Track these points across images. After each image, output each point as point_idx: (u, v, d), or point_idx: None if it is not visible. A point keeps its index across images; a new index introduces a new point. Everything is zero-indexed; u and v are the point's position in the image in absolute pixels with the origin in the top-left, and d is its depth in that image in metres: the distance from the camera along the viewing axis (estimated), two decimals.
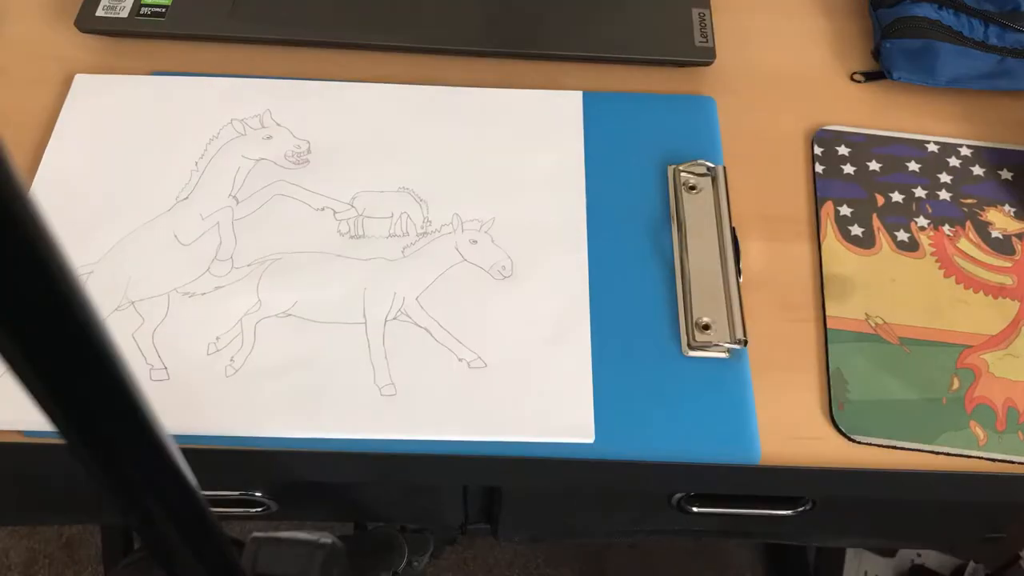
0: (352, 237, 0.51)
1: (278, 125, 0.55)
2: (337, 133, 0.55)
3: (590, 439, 0.45)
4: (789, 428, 0.47)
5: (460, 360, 0.47)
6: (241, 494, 0.54)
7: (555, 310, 0.49)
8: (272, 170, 0.53)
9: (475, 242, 0.51)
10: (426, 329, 0.48)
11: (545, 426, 0.45)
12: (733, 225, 0.52)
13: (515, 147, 0.54)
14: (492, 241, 0.51)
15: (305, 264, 0.50)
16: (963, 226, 0.54)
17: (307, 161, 0.54)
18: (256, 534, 0.46)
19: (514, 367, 0.47)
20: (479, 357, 0.47)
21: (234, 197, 0.52)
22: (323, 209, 0.52)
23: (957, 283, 0.52)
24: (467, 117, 0.56)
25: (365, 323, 0.48)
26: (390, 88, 0.57)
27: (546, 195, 0.53)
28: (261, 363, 0.47)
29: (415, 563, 0.84)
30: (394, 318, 0.48)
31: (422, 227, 0.51)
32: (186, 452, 0.22)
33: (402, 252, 0.51)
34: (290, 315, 0.48)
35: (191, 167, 0.53)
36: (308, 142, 0.54)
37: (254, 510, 0.57)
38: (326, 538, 0.48)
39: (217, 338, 0.47)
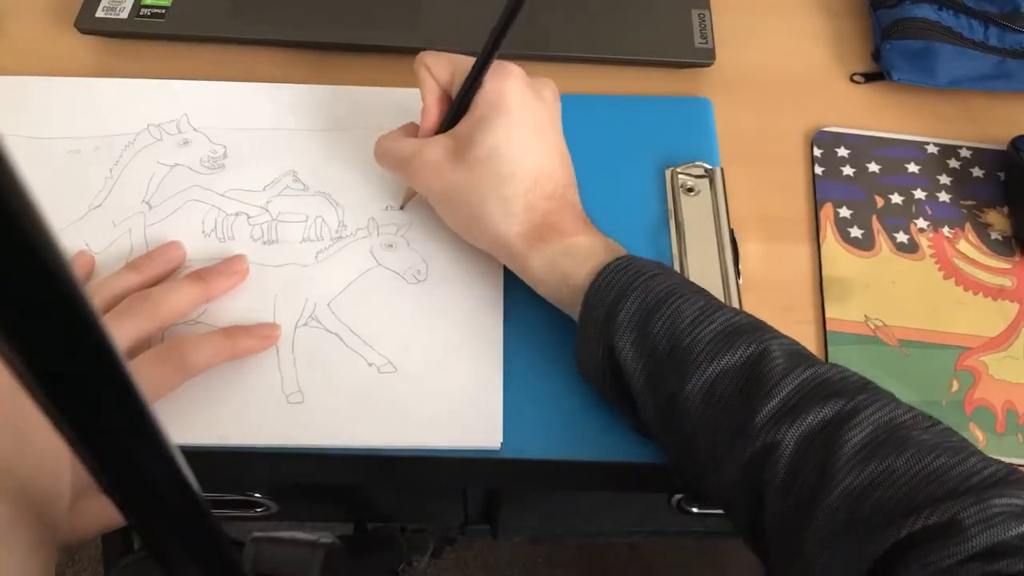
0: (265, 243, 0.50)
1: (195, 130, 0.54)
2: (255, 137, 0.54)
3: (496, 445, 0.45)
4: None
5: (370, 365, 0.47)
6: (241, 496, 0.54)
7: (468, 315, 0.48)
8: (187, 175, 0.53)
9: (391, 246, 0.50)
10: (336, 334, 0.48)
11: (452, 432, 0.45)
12: (732, 227, 0.52)
13: None
14: (408, 245, 0.51)
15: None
16: (963, 228, 0.54)
17: (223, 166, 0.53)
18: (256, 534, 0.46)
19: (424, 372, 0.47)
20: (389, 362, 0.47)
21: (147, 203, 0.51)
22: (237, 214, 0.51)
23: (956, 285, 0.52)
24: (391, 118, 0.54)
25: None
26: (316, 89, 0.56)
27: None
28: None
29: (415, 563, 0.84)
30: (304, 324, 0.48)
31: (337, 231, 0.51)
32: (183, 453, 0.22)
33: (315, 257, 0.50)
34: (199, 323, 0.48)
35: (106, 174, 0.52)
36: (224, 147, 0.54)
37: (254, 511, 0.57)
38: (326, 538, 0.48)
39: None
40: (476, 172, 0.44)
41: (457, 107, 0.46)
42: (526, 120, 0.45)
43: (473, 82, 0.45)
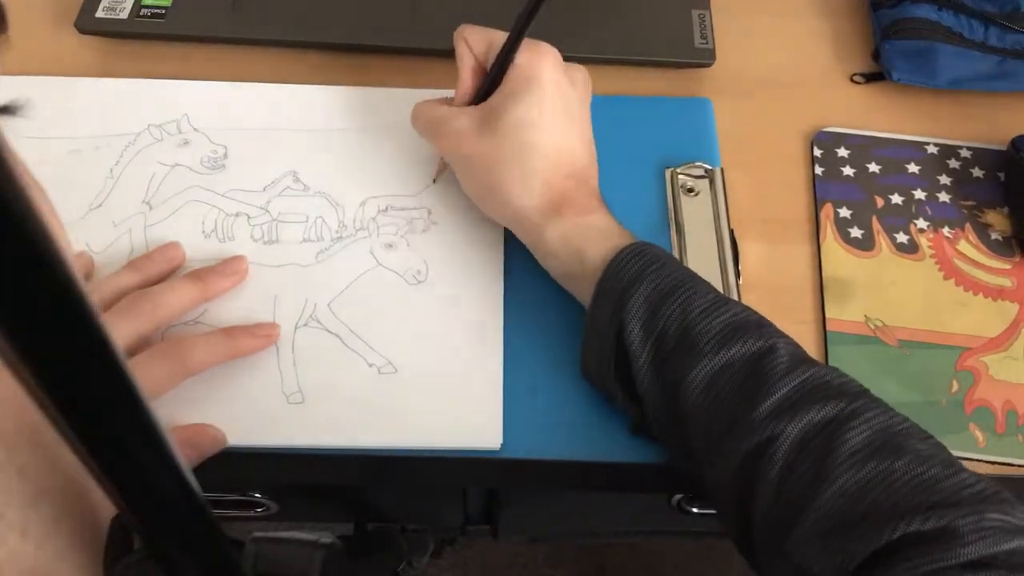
0: (265, 243, 0.50)
1: (195, 130, 0.54)
2: (255, 137, 0.54)
3: (496, 445, 0.45)
4: None
5: (370, 366, 0.47)
6: (241, 496, 0.54)
7: (468, 315, 0.48)
8: (187, 176, 0.53)
9: (391, 246, 0.50)
10: (336, 335, 0.48)
11: (452, 432, 0.45)
12: (732, 227, 0.52)
13: (430, 148, 0.53)
14: (408, 246, 0.51)
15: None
16: (963, 228, 0.54)
17: (223, 166, 0.53)
18: (256, 534, 0.46)
19: (424, 373, 0.47)
20: (389, 362, 0.47)
21: (147, 203, 0.52)
22: (237, 214, 0.51)
23: (956, 285, 0.52)
24: (391, 118, 0.55)
25: None
26: (316, 90, 0.56)
27: (465, 199, 0.51)
28: None
29: (415, 563, 0.84)
30: (304, 324, 0.48)
31: (337, 231, 0.51)
32: None
33: (315, 257, 0.50)
34: (199, 323, 0.48)
35: (106, 174, 0.52)
36: (225, 147, 0.54)
37: (254, 511, 0.57)
38: (326, 538, 0.48)
39: None
40: (500, 143, 0.45)
41: (491, 80, 0.47)
42: (556, 99, 0.46)
43: (506, 56, 0.46)
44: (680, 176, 0.54)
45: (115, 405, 0.19)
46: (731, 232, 0.52)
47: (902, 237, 0.53)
